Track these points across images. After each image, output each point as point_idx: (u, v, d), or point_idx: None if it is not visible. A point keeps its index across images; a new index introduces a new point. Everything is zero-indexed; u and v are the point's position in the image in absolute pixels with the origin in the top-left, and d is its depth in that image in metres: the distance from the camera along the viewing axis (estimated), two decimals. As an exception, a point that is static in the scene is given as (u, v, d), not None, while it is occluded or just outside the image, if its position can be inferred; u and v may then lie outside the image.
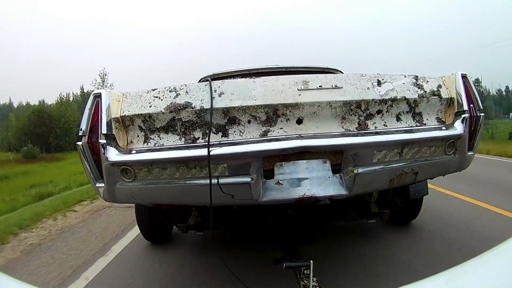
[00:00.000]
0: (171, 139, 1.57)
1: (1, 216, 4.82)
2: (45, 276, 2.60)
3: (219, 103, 1.52)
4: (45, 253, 3.13)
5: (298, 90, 1.55)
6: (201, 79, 2.59)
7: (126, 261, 2.80)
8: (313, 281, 1.61)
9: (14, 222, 4.10)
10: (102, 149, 1.48)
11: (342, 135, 1.57)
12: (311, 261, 1.60)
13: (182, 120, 1.55)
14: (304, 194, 1.56)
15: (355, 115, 1.62)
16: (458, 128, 1.65)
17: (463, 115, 1.66)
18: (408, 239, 2.93)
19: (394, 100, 1.63)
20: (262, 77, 1.60)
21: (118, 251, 3.03)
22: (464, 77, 1.71)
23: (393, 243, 2.84)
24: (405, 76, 1.69)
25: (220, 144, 1.51)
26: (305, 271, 1.73)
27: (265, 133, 1.56)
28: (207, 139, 1.50)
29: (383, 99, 1.61)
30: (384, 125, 1.64)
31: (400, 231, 3.11)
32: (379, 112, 1.64)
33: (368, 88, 1.61)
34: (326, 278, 2.09)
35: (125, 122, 1.57)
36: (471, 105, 1.68)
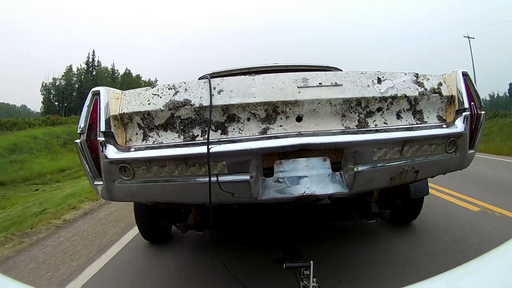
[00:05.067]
0: (170, 137, 1.56)
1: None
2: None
3: (218, 101, 1.51)
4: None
5: (298, 87, 1.54)
6: (200, 77, 2.58)
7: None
8: (313, 282, 1.60)
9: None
10: (101, 147, 1.48)
11: (342, 132, 1.56)
12: (311, 262, 1.59)
13: (181, 118, 1.54)
14: (304, 192, 1.55)
15: (355, 113, 1.61)
16: (459, 126, 1.64)
17: (464, 113, 1.65)
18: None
19: (394, 97, 1.62)
20: (262, 75, 1.59)
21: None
22: (465, 75, 1.70)
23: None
24: (405, 74, 1.68)
25: (219, 142, 1.50)
26: (305, 271, 1.72)
27: (264, 131, 1.55)
28: (206, 136, 1.49)
29: (383, 96, 1.60)
30: (384, 123, 1.63)
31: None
32: (379, 109, 1.63)
33: (368, 86, 1.60)
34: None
35: (124, 119, 1.56)
36: (472, 103, 1.67)
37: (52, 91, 54.31)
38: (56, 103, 54.01)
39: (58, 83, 54.58)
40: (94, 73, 57.40)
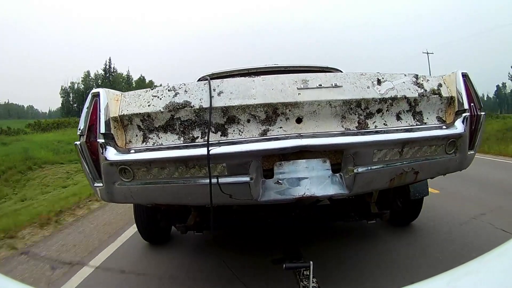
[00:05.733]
0: (170, 139, 1.56)
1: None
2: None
3: (218, 102, 1.51)
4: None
5: (298, 89, 1.54)
6: (200, 78, 2.58)
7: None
8: (313, 282, 1.60)
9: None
10: (101, 149, 1.47)
11: (342, 134, 1.56)
12: (311, 262, 1.59)
13: (181, 119, 1.54)
14: (304, 193, 1.55)
15: (355, 114, 1.61)
16: (459, 127, 1.64)
17: (463, 114, 1.65)
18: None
19: (394, 99, 1.62)
20: (262, 76, 1.59)
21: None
22: (464, 76, 1.70)
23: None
24: (405, 75, 1.69)
25: (219, 144, 1.50)
26: (304, 272, 1.72)
27: (264, 132, 1.55)
28: (206, 138, 1.49)
29: (383, 98, 1.60)
30: (384, 124, 1.63)
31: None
32: (379, 111, 1.63)
33: (368, 87, 1.60)
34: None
35: (124, 121, 1.56)
36: (472, 104, 1.67)
37: (71, 94, 61.95)
38: (75, 105, 60.30)
39: (76, 87, 62.44)
40: (111, 78, 64.15)
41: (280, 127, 1.56)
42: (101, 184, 1.54)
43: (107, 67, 63.75)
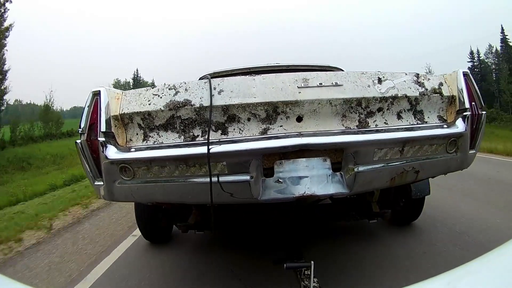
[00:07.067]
0: (170, 137, 1.56)
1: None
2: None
3: (219, 101, 1.51)
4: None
5: (298, 87, 1.54)
6: (201, 77, 2.58)
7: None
8: (314, 282, 1.59)
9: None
10: (101, 147, 1.48)
11: (343, 133, 1.56)
12: (312, 262, 1.59)
13: (181, 118, 1.54)
14: (304, 192, 1.54)
15: (356, 113, 1.60)
16: (460, 126, 1.64)
17: (464, 113, 1.65)
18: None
19: (395, 97, 1.62)
20: (262, 75, 1.59)
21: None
22: (465, 75, 1.69)
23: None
24: (406, 74, 1.68)
25: (220, 142, 1.50)
26: (305, 271, 1.72)
27: (264, 131, 1.55)
28: (206, 137, 1.49)
29: (384, 96, 1.60)
30: (385, 123, 1.63)
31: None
32: (379, 110, 1.62)
33: (369, 86, 1.60)
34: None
35: (124, 120, 1.57)
36: (473, 103, 1.67)
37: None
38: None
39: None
40: (138, 86, 66.67)
41: (281, 126, 1.56)
42: (102, 183, 1.55)
43: (136, 76, 69.02)
